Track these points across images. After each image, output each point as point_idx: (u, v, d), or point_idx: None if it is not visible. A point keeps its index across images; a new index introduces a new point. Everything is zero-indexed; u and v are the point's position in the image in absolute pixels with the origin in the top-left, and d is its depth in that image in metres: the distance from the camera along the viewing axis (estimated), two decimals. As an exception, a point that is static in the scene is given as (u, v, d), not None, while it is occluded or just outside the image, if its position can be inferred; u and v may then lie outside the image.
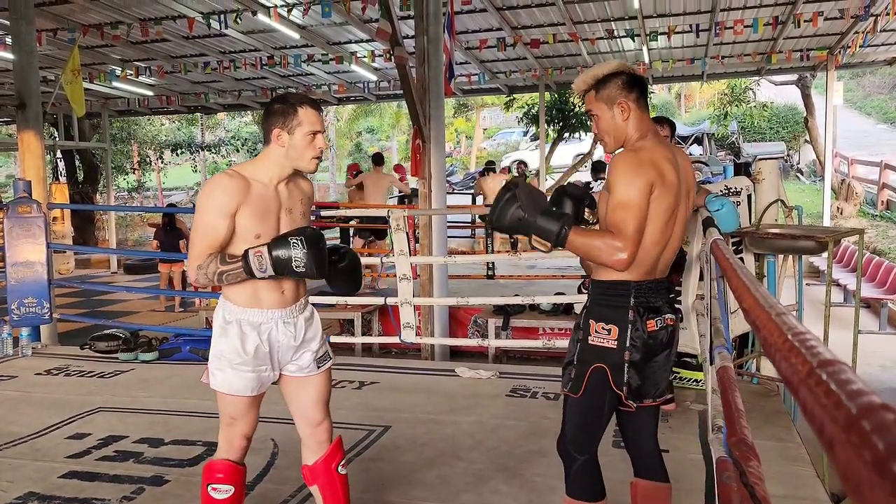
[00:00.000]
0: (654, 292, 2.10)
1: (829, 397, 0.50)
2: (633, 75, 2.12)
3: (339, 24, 9.54)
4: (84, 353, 5.53)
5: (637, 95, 2.10)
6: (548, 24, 9.82)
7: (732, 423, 1.50)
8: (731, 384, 1.79)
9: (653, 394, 2.17)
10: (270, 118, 2.14)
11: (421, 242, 6.38)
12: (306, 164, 2.16)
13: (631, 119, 2.09)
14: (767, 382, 4.16)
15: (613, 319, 2.06)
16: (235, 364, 2.16)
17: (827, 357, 0.57)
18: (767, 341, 0.77)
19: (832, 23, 9.71)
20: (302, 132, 2.11)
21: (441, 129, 6.21)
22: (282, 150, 2.13)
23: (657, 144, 2.08)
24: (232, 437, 2.25)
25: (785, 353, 0.66)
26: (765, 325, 0.82)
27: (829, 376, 0.53)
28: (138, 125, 21.35)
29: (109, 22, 9.06)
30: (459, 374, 4.76)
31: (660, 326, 2.10)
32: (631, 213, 1.97)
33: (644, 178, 1.98)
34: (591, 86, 2.12)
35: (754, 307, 0.95)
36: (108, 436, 3.66)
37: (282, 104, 2.13)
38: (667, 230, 2.06)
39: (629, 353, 2.05)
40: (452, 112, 27.20)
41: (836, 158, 15.24)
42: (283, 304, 2.19)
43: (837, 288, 8.65)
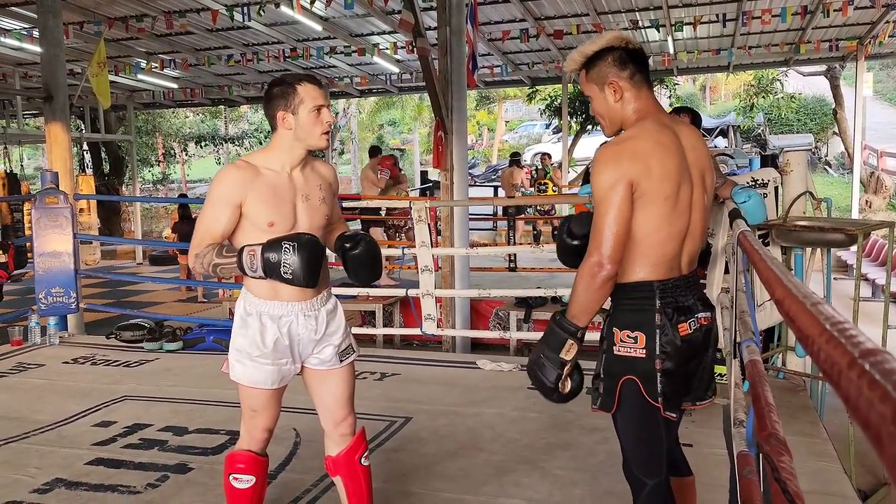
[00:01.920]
0: (682, 290, 1.91)
1: (873, 389, 0.48)
2: (627, 50, 1.89)
3: (361, 15, 9.54)
4: (110, 342, 5.60)
5: (631, 72, 1.88)
6: (571, 15, 9.73)
7: (763, 418, 1.47)
8: (761, 378, 1.75)
9: (692, 397, 2.00)
10: (272, 102, 2.11)
11: (443, 234, 6.37)
12: (316, 140, 2.11)
13: (625, 100, 1.89)
14: (793, 377, 4.10)
15: (639, 325, 1.86)
16: (255, 357, 2.14)
17: (869, 346, 0.55)
18: (803, 333, 0.74)
19: (862, 12, 9.51)
20: (306, 109, 2.07)
21: (463, 120, 6.19)
22: (289, 132, 2.09)
23: (649, 130, 1.87)
24: (253, 429, 2.25)
25: (823, 344, 0.64)
26: (800, 316, 0.79)
27: (873, 366, 0.50)
28: (163, 118, 21.56)
29: (135, 15, 9.14)
30: (481, 367, 4.75)
31: (694, 329, 1.90)
32: (607, 219, 1.80)
33: (622, 176, 1.79)
34: (582, 65, 1.94)
35: (787, 298, 0.92)
36: (134, 424, 3.70)
37: (280, 86, 2.10)
38: (676, 221, 1.86)
39: (660, 361, 1.85)
40: (474, 104, 27.10)
41: (865, 151, 14.96)
42: (304, 297, 2.16)
43: (866, 282, 8.51)
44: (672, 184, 1.84)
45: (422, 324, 4.82)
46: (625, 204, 1.79)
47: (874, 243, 9.72)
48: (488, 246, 10.20)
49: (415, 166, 23.84)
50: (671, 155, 1.85)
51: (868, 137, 15.44)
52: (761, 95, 18.22)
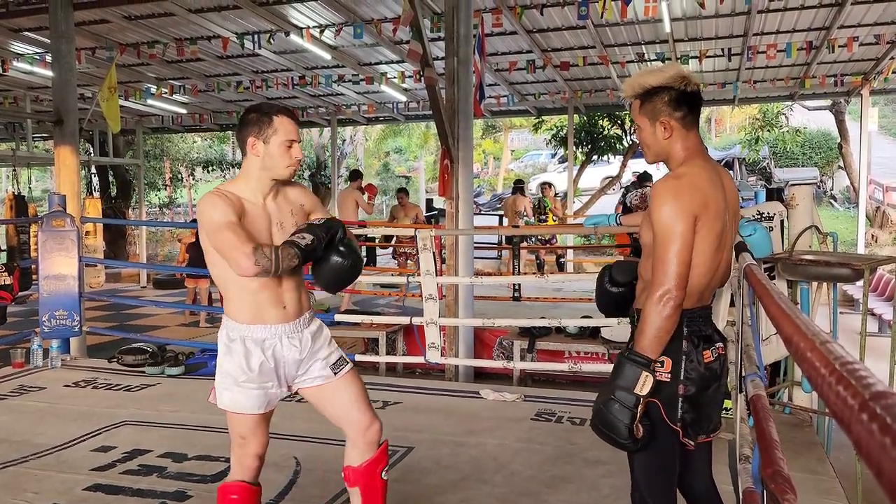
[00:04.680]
0: (704, 320, 1.99)
1: (885, 433, 0.46)
2: (684, 92, 1.94)
3: (370, 45, 9.65)
4: (112, 366, 5.58)
5: (684, 114, 1.94)
6: (578, 47, 9.83)
7: (768, 454, 1.44)
8: (766, 414, 1.73)
9: (707, 429, 2.01)
10: (246, 128, 2.12)
11: (447, 263, 6.36)
12: (282, 171, 2.14)
13: (674, 139, 1.95)
14: (800, 412, 4.06)
15: (666, 351, 1.89)
16: (241, 381, 2.15)
17: (880, 389, 0.54)
18: (812, 372, 0.73)
19: (867, 48, 9.59)
20: (278, 140, 2.11)
21: (469, 149, 6.22)
22: (257, 159, 2.12)
23: (702, 168, 1.93)
24: (243, 457, 2.24)
25: (833, 384, 0.63)
26: (809, 355, 0.78)
27: (885, 410, 0.49)
28: (171, 142, 21.73)
29: (146, 41, 9.26)
30: (484, 396, 4.72)
31: (714, 357, 1.97)
32: (674, 249, 1.83)
33: (687, 209, 1.84)
34: (638, 94, 1.99)
35: (796, 335, 0.91)
36: (133, 449, 3.67)
37: (256, 113, 2.12)
38: (717, 257, 1.93)
39: (684, 386, 1.90)
40: (480, 133, 27.28)
41: (871, 185, 14.97)
42: (286, 319, 2.18)
43: (872, 317, 8.45)
44: (720, 222, 1.91)
45: (425, 352, 4.79)
46: (689, 235, 1.85)
47: (881, 278, 9.68)
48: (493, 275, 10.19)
49: (420, 194, 23.92)
50: (720, 193, 1.92)
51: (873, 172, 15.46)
52: (766, 129, 18.29)
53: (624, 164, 16.22)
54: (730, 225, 2.00)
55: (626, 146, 15.97)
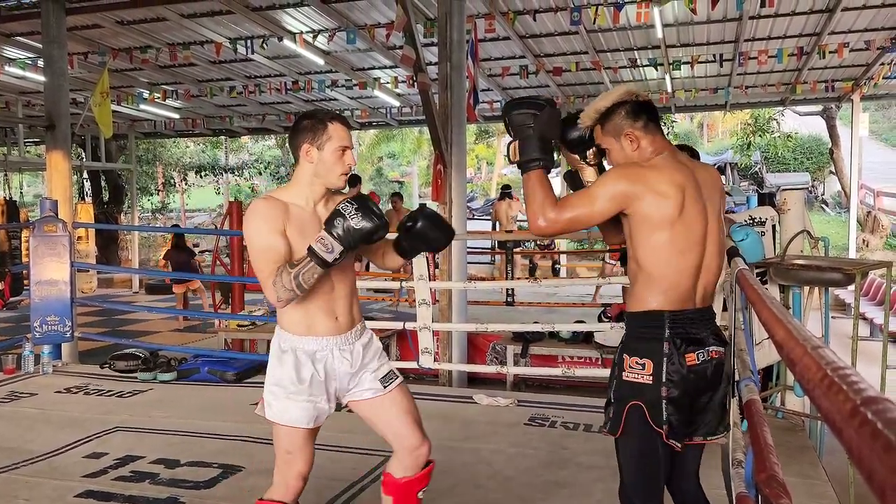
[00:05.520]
0: (694, 323, 1.97)
1: (876, 439, 0.47)
2: (637, 102, 2.02)
3: (363, 50, 9.66)
4: (103, 371, 5.55)
5: (644, 122, 2.00)
6: (570, 53, 9.86)
7: (762, 459, 1.45)
8: (760, 418, 1.74)
9: (703, 432, 2.03)
10: (299, 135, 2.10)
11: (441, 268, 6.37)
12: (335, 179, 2.11)
13: (641, 147, 2.00)
14: (792, 417, 4.07)
15: (647, 353, 1.93)
16: (291, 393, 2.11)
17: (871, 394, 0.54)
18: (804, 377, 0.73)
19: (858, 54, 9.66)
20: (331, 147, 2.08)
21: (462, 154, 6.24)
22: (310, 166, 2.09)
23: (668, 161, 1.97)
24: (289, 476, 2.17)
25: (824, 390, 0.63)
26: (800, 361, 0.79)
27: (876, 415, 0.50)
28: (164, 147, 21.68)
29: (139, 46, 9.25)
30: (477, 402, 4.71)
31: (702, 360, 1.96)
32: (582, 201, 1.93)
33: (622, 186, 1.91)
34: (596, 120, 2.05)
35: (788, 340, 0.91)
36: (125, 455, 3.65)
37: (311, 120, 2.10)
38: (688, 253, 1.93)
39: (666, 388, 1.91)
40: (473, 138, 27.31)
41: (862, 190, 15.07)
42: (338, 331, 2.15)
43: (864, 321, 8.49)
44: (674, 213, 1.90)
45: (419, 357, 4.79)
46: (605, 212, 1.93)
47: (872, 282, 9.73)
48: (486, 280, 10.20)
49: (413, 199, 23.94)
50: (680, 187, 1.92)
51: (864, 177, 15.56)
52: (758, 134, 18.38)
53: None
54: (711, 220, 1.99)
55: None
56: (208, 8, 7.99)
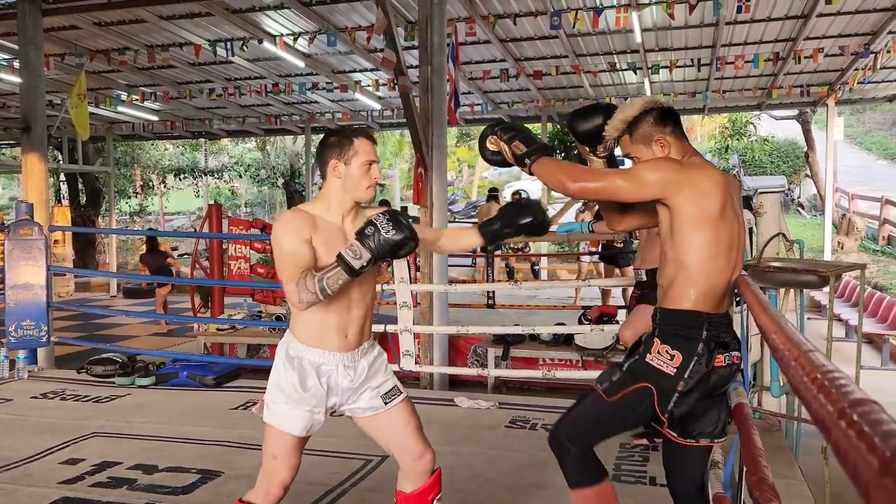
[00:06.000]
0: (724, 327, 2.01)
1: (862, 438, 0.48)
2: (663, 109, 2.08)
3: (343, 53, 9.65)
4: (80, 377, 5.49)
5: (672, 127, 2.06)
6: (551, 57, 9.92)
7: (753, 463, 1.47)
8: (749, 422, 1.77)
9: (710, 432, 2.07)
10: (327, 151, 2.16)
11: (421, 270, 6.37)
12: (362, 192, 2.17)
13: (672, 152, 2.05)
14: (769, 417, 4.12)
15: (681, 347, 1.95)
16: (293, 400, 2.14)
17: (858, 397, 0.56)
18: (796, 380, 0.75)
19: (832, 59, 9.81)
20: (358, 162, 2.13)
21: (443, 157, 6.24)
22: (338, 181, 2.14)
23: (702, 163, 2.03)
24: (271, 483, 2.20)
25: (815, 392, 0.65)
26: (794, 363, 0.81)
27: (862, 417, 0.51)
28: (142, 149, 21.48)
29: (117, 48, 9.16)
30: (458, 404, 4.72)
31: (726, 363, 1.99)
32: (622, 175, 1.97)
33: (666, 174, 1.94)
34: (623, 130, 2.09)
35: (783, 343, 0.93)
36: (102, 461, 3.61)
37: (337, 136, 2.16)
38: (727, 254, 1.97)
39: (685, 383, 1.94)
40: (455, 141, 27.36)
41: (837, 193, 15.29)
42: (346, 349, 2.17)
43: (839, 323, 8.61)
44: (716, 213, 1.93)
45: (400, 360, 4.79)
46: (643, 189, 1.94)
47: (847, 284, 9.87)
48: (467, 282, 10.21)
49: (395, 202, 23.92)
50: (720, 189, 1.95)
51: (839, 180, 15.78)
52: (735, 137, 18.59)
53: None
54: (740, 227, 2.03)
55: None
56: (187, 10, 7.94)
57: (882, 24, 8.34)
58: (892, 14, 7.96)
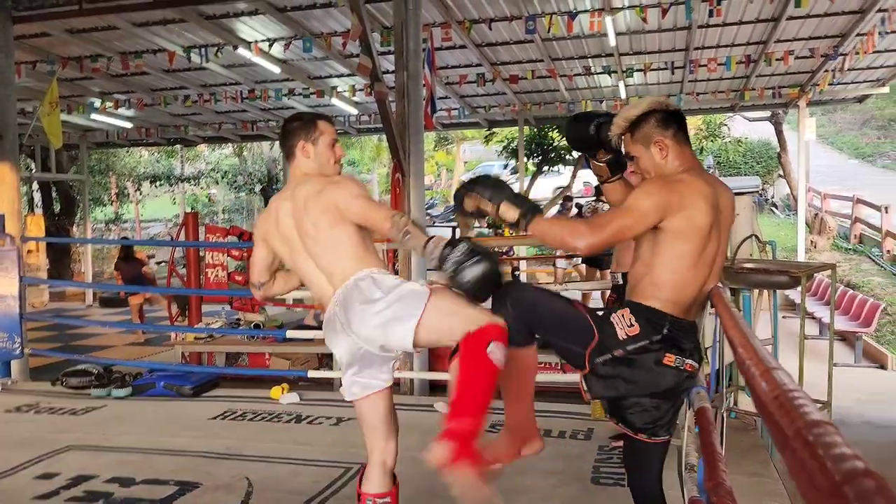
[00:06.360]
0: (686, 334, 2.03)
1: (814, 460, 0.49)
2: (668, 111, 2.07)
3: (319, 58, 9.63)
4: (55, 389, 5.42)
5: (675, 131, 2.05)
6: (526, 61, 9.97)
7: (712, 467, 1.49)
8: (710, 426, 1.79)
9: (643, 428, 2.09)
10: (293, 135, 2.33)
11: (400, 273, 6.36)
12: (330, 169, 2.35)
13: (671, 156, 2.05)
14: (745, 417, 4.17)
15: (643, 327, 1.99)
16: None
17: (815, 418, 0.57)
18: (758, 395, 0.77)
19: (803, 61, 9.97)
20: (325, 141, 2.33)
21: (420, 163, 6.25)
22: (307, 160, 2.32)
23: (697, 179, 2.01)
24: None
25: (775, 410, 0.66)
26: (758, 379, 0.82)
27: (816, 438, 0.52)
28: (117, 157, 21.24)
29: (89, 55, 9.06)
30: (438, 409, 4.72)
31: (675, 365, 2.01)
32: (623, 215, 1.94)
33: (661, 201, 1.93)
34: (626, 129, 2.08)
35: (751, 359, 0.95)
36: (78, 475, 3.57)
37: (300, 121, 2.36)
38: (700, 269, 1.99)
39: (623, 352, 1.99)
40: (433, 145, 27.38)
41: (810, 193, 15.52)
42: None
43: (813, 321, 8.74)
44: (705, 230, 1.95)
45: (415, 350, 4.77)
46: (645, 220, 1.93)
47: (820, 282, 10.02)
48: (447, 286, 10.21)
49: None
50: (709, 206, 1.96)
51: (812, 180, 16.03)
52: (710, 139, 18.82)
53: (574, 174, 16.47)
54: (722, 243, 2.04)
55: (576, 157, 16.23)
56: (160, 16, 7.87)
57: (850, 26, 8.50)
58: (860, 17, 8.11)
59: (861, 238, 13.54)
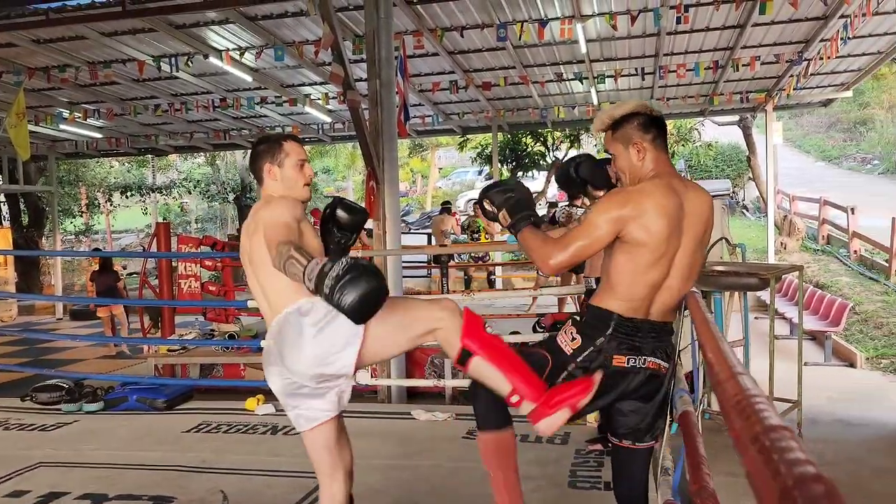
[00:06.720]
0: (640, 332, 2.06)
1: (769, 464, 0.51)
2: (651, 116, 2.13)
3: (292, 67, 9.59)
4: (25, 405, 5.32)
5: (654, 136, 2.11)
6: (499, 68, 10.03)
7: (696, 471, 1.51)
8: (694, 431, 1.81)
9: (626, 434, 2.14)
10: (260, 158, 2.28)
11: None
12: (300, 191, 2.28)
13: (647, 159, 2.10)
14: (719, 417, 4.23)
15: (584, 334, 2.08)
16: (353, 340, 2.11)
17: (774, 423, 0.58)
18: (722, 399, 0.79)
19: (769, 67, 10.15)
20: (291, 163, 2.27)
21: (395, 170, 6.25)
22: (275, 183, 2.26)
23: (661, 187, 2.03)
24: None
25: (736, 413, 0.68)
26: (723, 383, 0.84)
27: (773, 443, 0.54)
28: (87, 167, 20.93)
29: (57, 65, 8.94)
30: (416, 417, 4.72)
31: (631, 366, 2.04)
32: (582, 233, 2.00)
33: (616, 211, 1.99)
34: (608, 126, 2.15)
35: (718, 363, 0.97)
36: (49, 493, 3.51)
37: (266, 144, 2.30)
38: (652, 271, 2.02)
39: (575, 365, 2.07)
40: (408, 152, 27.37)
41: (779, 195, 15.76)
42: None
43: (783, 321, 8.87)
44: (661, 235, 2.01)
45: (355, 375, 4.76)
46: (606, 236, 2.01)
47: (790, 283, 10.18)
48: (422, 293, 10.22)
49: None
50: (668, 217, 2.01)
51: (780, 182, 16.28)
52: (681, 143, 19.06)
53: (548, 179, 16.60)
54: (685, 246, 2.05)
55: (550, 162, 16.36)
56: (129, 26, 7.80)
57: (814, 32, 8.68)
58: (823, 23, 8.29)
59: (829, 239, 13.78)
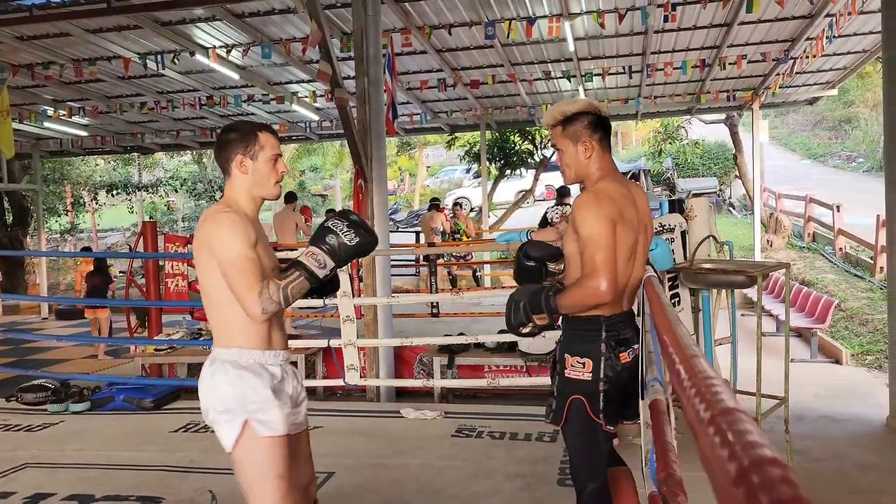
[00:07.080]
0: (623, 325, 2.19)
1: (724, 446, 0.51)
2: (599, 116, 2.20)
3: (279, 64, 9.55)
4: (10, 405, 5.27)
5: (601, 136, 2.20)
6: (487, 66, 10.03)
7: (663, 458, 1.52)
8: (663, 418, 1.82)
9: (630, 415, 2.24)
10: (229, 147, 2.04)
11: (365, 282, 6.33)
12: (271, 189, 2.07)
13: (593, 158, 2.19)
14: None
15: (587, 353, 2.14)
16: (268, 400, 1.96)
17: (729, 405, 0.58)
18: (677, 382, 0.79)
19: (755, 65, 10.21)
20: (265, 157, 2.05)
21: (383, 168, 6.24)
22: (245, 177, 2.04)
23: (615, 183, 2.17)
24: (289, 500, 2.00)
25: (691, 396, 0.68)
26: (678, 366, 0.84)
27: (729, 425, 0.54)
28: (72, 165, 20.74)
29: (41, 62, 8.86)
30: (405, 416, 4.72)
31: (632, 357, 2.18)
32: (599, 247, 2.05)
33: (606, 215, 2.07)
34: (559, 122, 2.21)
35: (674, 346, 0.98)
36: (35, 493, 3.48)
37: (238, 132, 2.06)
38: (629, 264, 2.15)
39: (603, 383, 2.12)
40: (396, 150, 27.33)
41: (765, 193, 15.86)
42: (285, 345, 2.11)
43: (770, 318, 8.93)
44: (632, 231, 2.14)
45: (345, 374, 4.75)
46: (612, 238, 2.06)
47: (777, 280, 10.25)
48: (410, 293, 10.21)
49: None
50: (631, 207, 2.16)
51: (767, 180, 16.38)
52: (668, 141, 19.13)
53: (536, 177, 16.63)
54: (642, 238, 2.21)
55: (538, 160, 16.39)
56: (115, 23, 7.73)
57: (800, 31, 8.74)
58: (809, 21, 8.35)
59: (814, 236, 13.89)
